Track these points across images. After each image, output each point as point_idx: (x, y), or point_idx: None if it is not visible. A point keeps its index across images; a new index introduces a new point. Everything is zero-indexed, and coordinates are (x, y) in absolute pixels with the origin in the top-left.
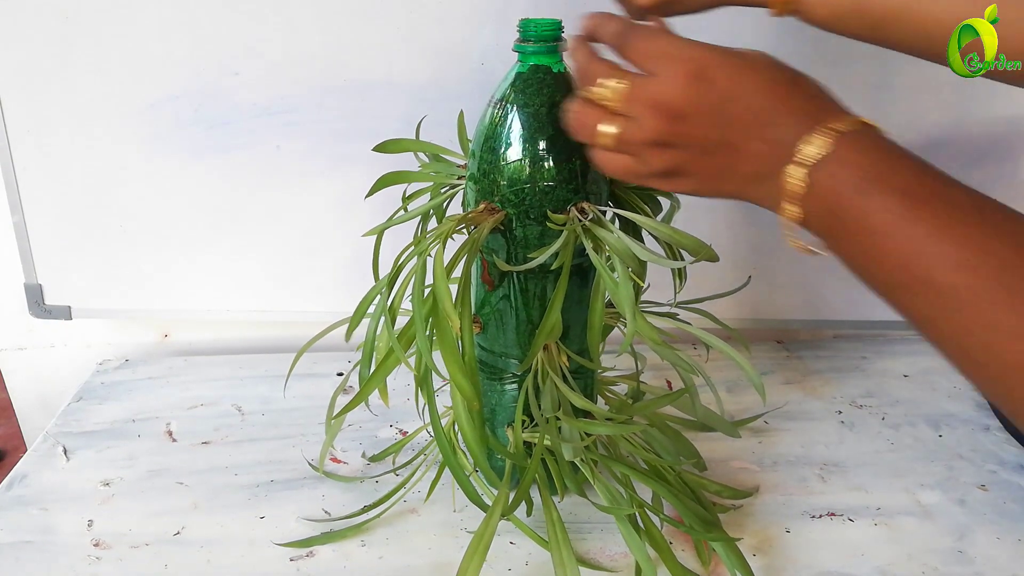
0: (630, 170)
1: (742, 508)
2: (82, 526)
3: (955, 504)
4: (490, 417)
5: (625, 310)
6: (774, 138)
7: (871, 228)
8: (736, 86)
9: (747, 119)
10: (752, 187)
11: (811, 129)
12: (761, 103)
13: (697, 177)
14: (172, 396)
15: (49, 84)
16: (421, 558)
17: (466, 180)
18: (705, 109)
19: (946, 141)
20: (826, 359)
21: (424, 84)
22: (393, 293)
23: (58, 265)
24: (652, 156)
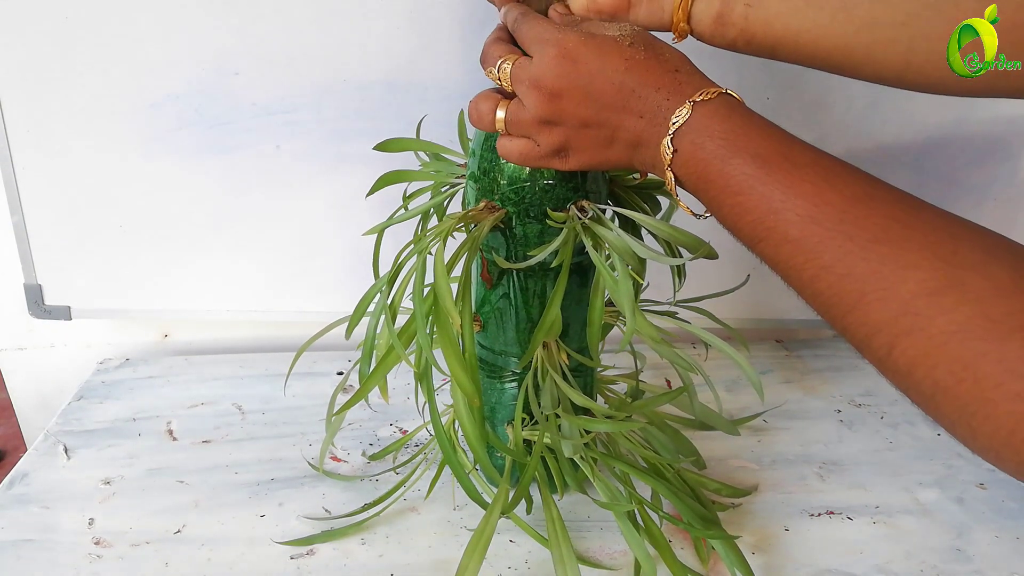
0: (526, 152)
1: (741, 506)
2: (83, 524)
3: (953, 502)
4: (490, 415)
5: (624, 308)
6: (641, 109)
7: (733, 189)
8: (599, 63)
9: (612, 93)
10: (636, 155)
11: (673, 101)
12: (623, 79)
13: (585, 151)
14: (172, 395)
15: (49, 84)
16: (421, 556)
17: (466, 179)
18: (575, 86)
19: (946, 141)
20: (825, 358)
21: (424, 84)
22: (393, 291)
23: (58, 265)
24: (541, 135)
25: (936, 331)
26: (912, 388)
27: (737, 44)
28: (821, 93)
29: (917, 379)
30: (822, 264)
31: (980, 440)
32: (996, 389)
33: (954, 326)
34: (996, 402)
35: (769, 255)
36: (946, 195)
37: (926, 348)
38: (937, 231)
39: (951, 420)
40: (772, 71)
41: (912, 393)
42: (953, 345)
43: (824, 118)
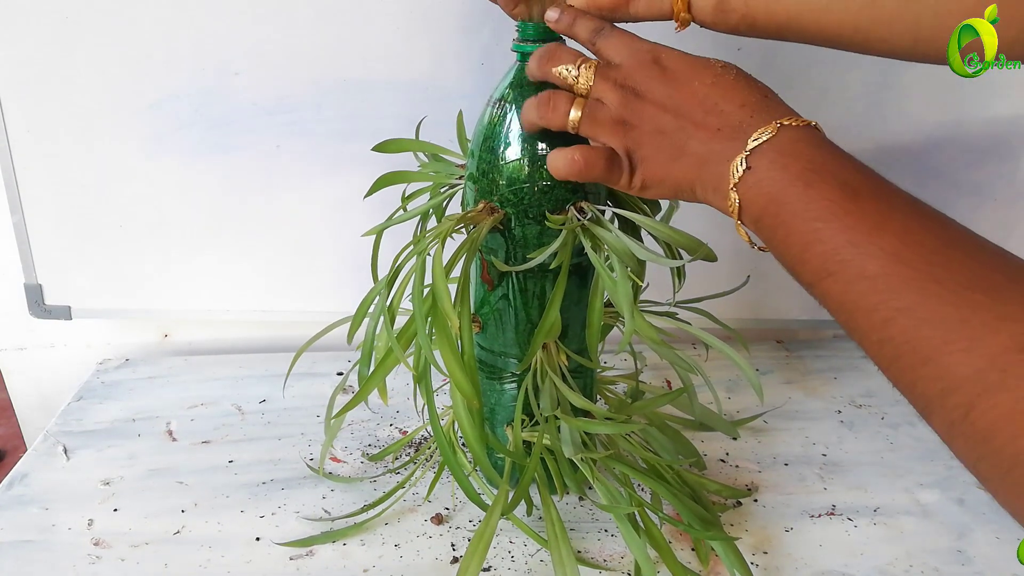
0: (589, 160)
1: (741, 507)
2: (82, 525)
3: (954, 503)
4: (489, 416)
5: (624, 309)
6: (720, 124)
7: (812, 215)
8: (689, 74)
9: (695, 104)
10: (701, 172)
11: (758, 119)
12: (708, 91)
13: (651, 161)
14: (172, 396)
15: (49, 84)
16: (421, 557)
17: (465, 180)
18: (661, 91)
19: (946, 141)
20: (826, 359)
21: (424, 84)
22: (392, 292)
23: (58, 265)
24: (615, 137)
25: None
26: (987, 457)
27: (740, 28)
28: (821, 94)
29: (996, 446)
30: (900, 306)
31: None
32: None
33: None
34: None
35: (836, 293)
36: (946, 195)
37: (1012, 411)
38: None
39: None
40: (770, 71)
41: (984, 463)
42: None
43: (824, 118)
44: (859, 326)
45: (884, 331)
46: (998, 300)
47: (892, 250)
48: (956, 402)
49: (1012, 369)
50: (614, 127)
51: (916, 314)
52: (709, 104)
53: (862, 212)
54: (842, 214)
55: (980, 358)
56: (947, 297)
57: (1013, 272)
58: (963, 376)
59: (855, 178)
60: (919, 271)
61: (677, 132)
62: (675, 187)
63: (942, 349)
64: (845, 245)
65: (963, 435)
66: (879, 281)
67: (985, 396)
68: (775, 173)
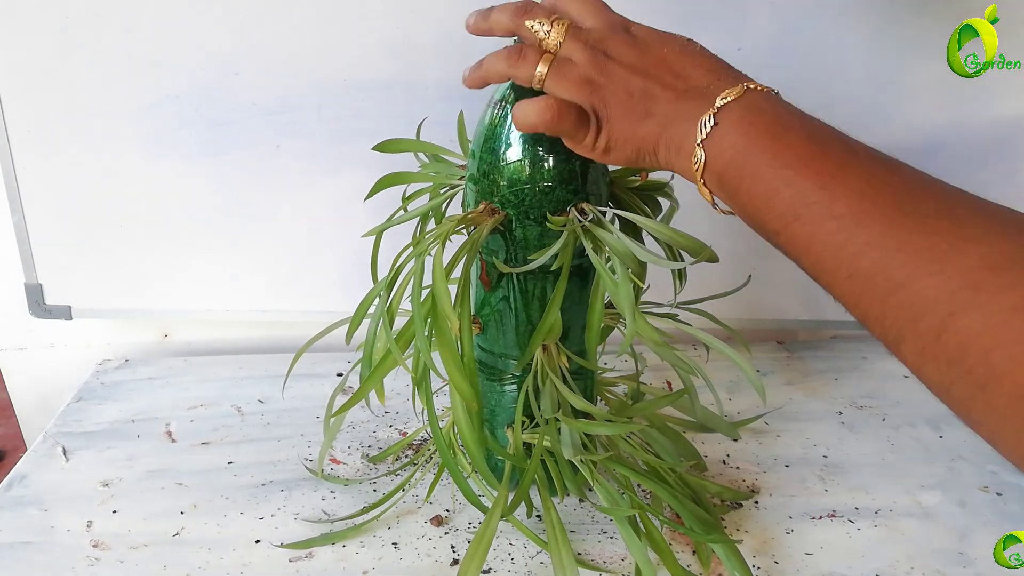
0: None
1: (742, 509)
2: (81, 527)
3: (956, 505)
4: (490, 418)
5: (625, 311)
6: (687, 86)
7: (779, 162)
8: (658, 42)
9: (663, 68)
10: (666, 131)
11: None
12: (676, 58)
13: (618, 121)
14: (172, 396)
15: (49, 84)
16: (420, 559)
17: (466, 181)
18: (630, 54)
19: (947, 142)
20: (826, 359)
21: (424, 84)
22: (392, 293)
23: (58, 265)
24: (582, 93)
25: (999, 307)
26: (960, 379)
27: None
28: (821, 94)
29: (969, 365)
30: (869, 240)
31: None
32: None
33: (1022, 302)
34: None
35: (804, 235)
36: None
37: (984, 327)
38: (1000, 213)
39: (1003, 415)
40: (770, 70)
41: (958, 385)
42: (1018, 323)
43: (824, 119)
44: (827, 266)
45: (853, 266)
46: (964, 225)
47: (858, 189)
48: (927, 326)
49: (982, 287)
50: (581, 84)
51: (884, 245)
52: (677, 68)
53: (827, 158)
54: (809, 159)
55: (949, 279)
56: (914, 227)
57: (975, 204)
58: (933, 299)
59: (820, 130)
60: (886, 207)
61: (645, 94)
62: (638, 148)
63: (912, 275)
64: (812, 188)
65: (935, 359)
66: (847, 219)
67: (956, 316)
68: (743, 127)
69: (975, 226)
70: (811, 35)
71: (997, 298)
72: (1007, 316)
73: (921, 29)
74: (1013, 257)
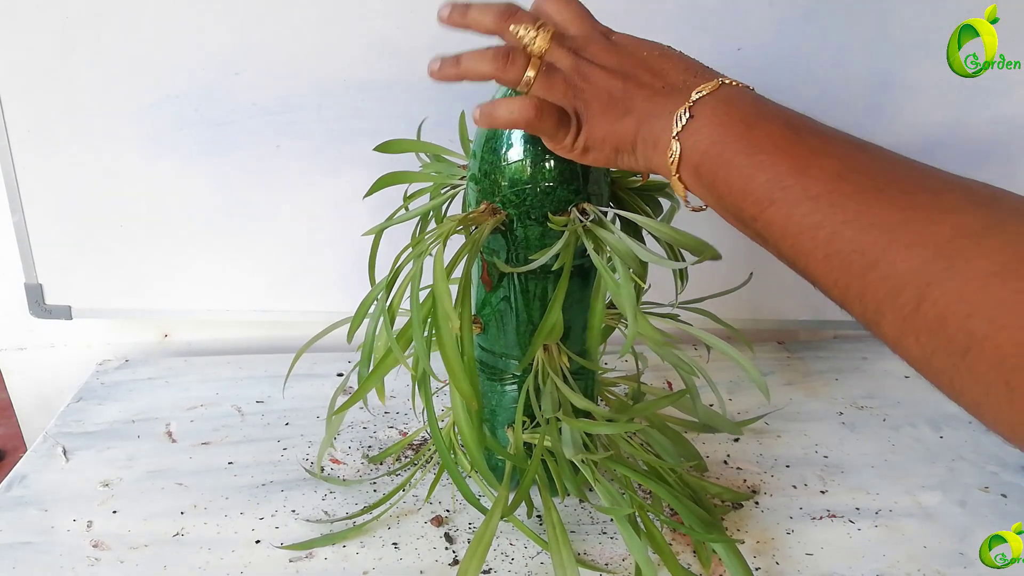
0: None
1: (743, 509)
2: (81, 527)
3: (956, 505)
4: (490, 418)
5: (626, 311)
6: (664, 83)
7: (755, 148)
8: (635, 46)
9: (642, 69)
10: (640, 127)
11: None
12: (654, 60)
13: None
14: (172, 397)
15: (49, 84)
16: (420, 559)
17: (467, 180)
18: (610, 59)
19: (947, 141)
20: (827, 360)
21: (424, 84)
22: (393, 293)
23: (58, 265)
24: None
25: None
26: (941, 348)
27: None
28: (821, 94)
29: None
30: (845, 218)
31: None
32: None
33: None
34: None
35: (780, 218)
36: None
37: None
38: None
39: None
40: (770, 71)
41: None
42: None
43: (824, 118)
44: (804, 248)
45: (830, 246)
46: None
47: (834, 171)
48: (905, 299)
49: (957, 255)
50: (565, 88)
51: (860, 222)
52: (656, 69)
53: (802, 143)
54: (784, 145)
55: (925, 250)
56: (889, 203)
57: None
58: (910, 271)
59: (795, 119)
60: (861, 186)
61: (624, 94)
62: (616, 146)
63: (888, 249)
64: (788, 172)
65: (914, 330)
66: (822, 200)
67: (934, 285)
68: (718, 118)
69: (948, 199)
70: (811, 35)
71: (972, 265)
72: (983, 281)
73: (921, 29)
74: (987, 225)
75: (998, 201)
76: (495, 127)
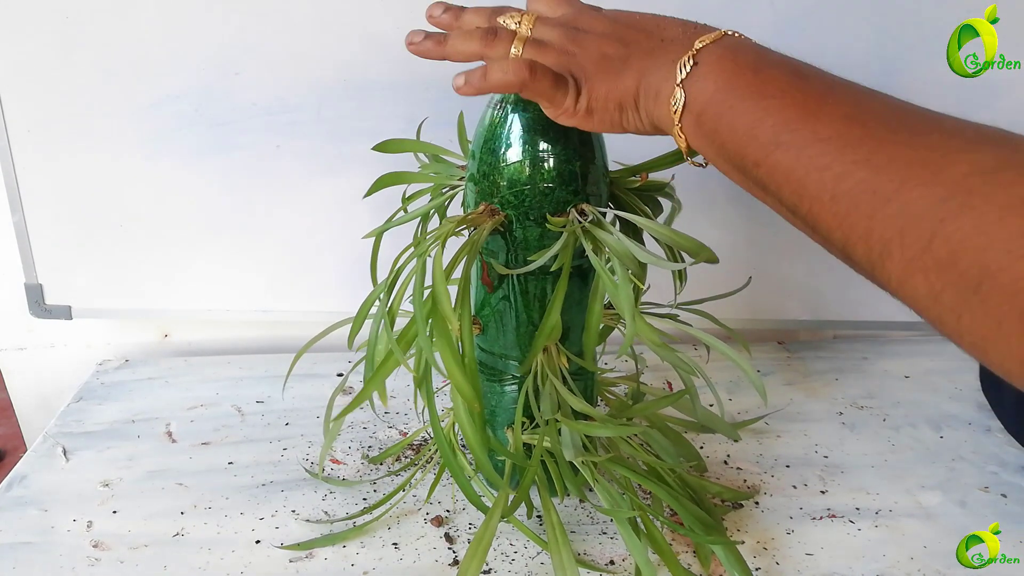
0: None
1: (743, 509)
2: (81, 527)
3: (956, 506)
4: (490, 418)
5: (625, 312)
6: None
7: (762, 94)
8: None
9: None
10: (640, 80)
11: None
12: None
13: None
14: (172, 397)
15: (49, 84)
16: (421, 560)
17: (466, 181)
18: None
19: None
20: (827, 360)
21: (424, 84)
22: (393, 294)
23: (58, 265)
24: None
25: (991, 207)
26: (951, 284)
27: None
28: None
29: (961, 268)
30: (856, 159)
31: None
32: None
33: (1015, 200)
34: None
35: (787, 161)
36: None
37: (976, 228)
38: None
39: (997, 314)
40: None
41: (949, 291)
42: (1012, 220)
43: None
44: (810, 191)
45: (838, 186)
46: (952, 138)
47: (844, 114)
48: (915, 236)
49: (974, 191)
50: (558, 55)
51: (872, 162)
52: (650, 28)
53: (811, 88)
54: (792, 90)
55: (941, 188)
56: (902, 143)
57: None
58: (923, 208)
59: (803, 66)
60: (872, 128)
61: (620, 53)
62: (619, 102)
63: (901, 188)
64: (797, 116)
65: (923, 269)
66: (832, 142)
67: (947, 221)
68: (724, 64)
69: (961, 138)
70: (811, 35)
71: (990, 200)
72: (1001, 215)
73: (921, 29)
74: (1002, 161)
75: (1012, 140)
76: (486, 91)
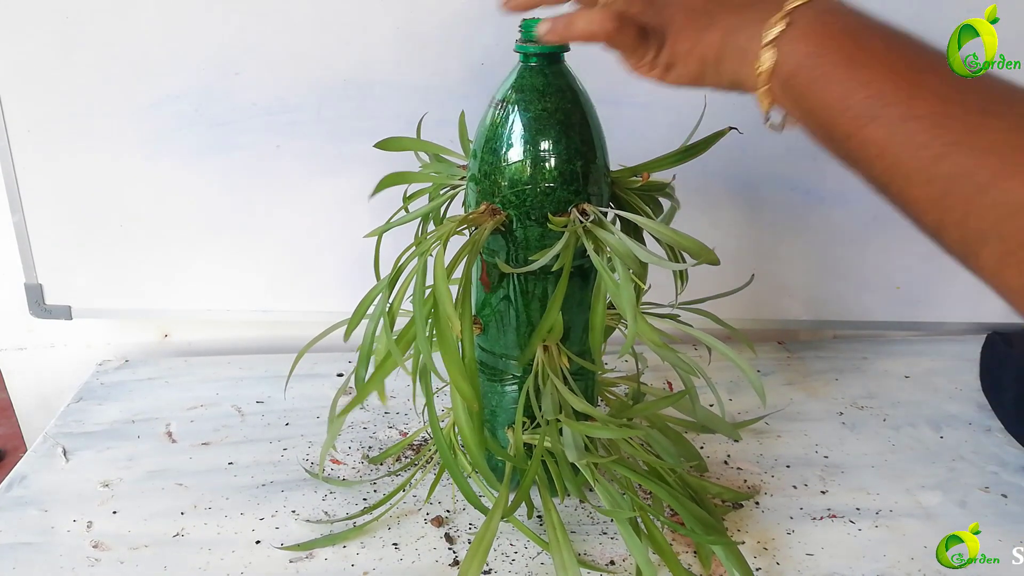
0: (617, 22)
1: (743, 509)
2: (81, 527)
3: (956, 506)
4: (491, 418)
5: (626, 312)
6: None
7: (857, 62)
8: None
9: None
10: (727, 38)
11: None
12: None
13: (678, 34)
14: (172, 397)
15: (49, 84)
16: (421, 560)
17: (467, 181)
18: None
19: None
20: (827, 360)
21: (424, 84)
22: (393, 294)
23: (58, 265)
24: (647, 13)
25: None
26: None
27: None
28: None
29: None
30: (954, 140)
31: None
32: None
33: None
34: None
35: (881, 137)
36: None
37: None
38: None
39: None
40: None
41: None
42: None
43: None
44: (903, 169)
45: (934, 168)
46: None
47: (942, 93)
48: (1017, 226)
49: None
50: (644, 6)
51: (972, 145)
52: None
53: (907, 61)
54: (888, 62)
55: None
56: (1003, 129)
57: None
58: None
59: (899, 35)
60: (971, 110)
61: (707, 7)
62: (701, 58)
63: (1001, 174)
64: (892, 90)
65: (1018, 264)
66: (928, 120)
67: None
68: (819, 27)
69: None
70: None
71: None
72: None
73: (921, 29)
74: None
75: None
76: (568, 40)
